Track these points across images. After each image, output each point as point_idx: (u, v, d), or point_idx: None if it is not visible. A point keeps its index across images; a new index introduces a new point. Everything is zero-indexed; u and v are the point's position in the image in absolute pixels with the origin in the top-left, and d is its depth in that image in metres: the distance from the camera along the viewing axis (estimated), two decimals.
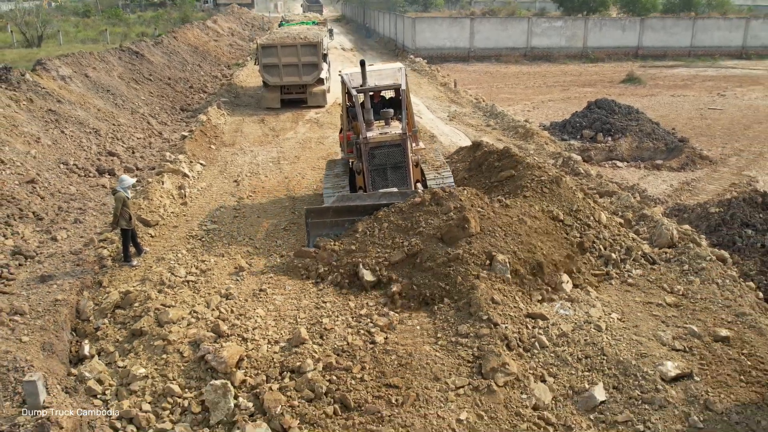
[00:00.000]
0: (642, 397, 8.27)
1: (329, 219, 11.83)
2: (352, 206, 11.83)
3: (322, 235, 11.74)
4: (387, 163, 12.52)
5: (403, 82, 13.16)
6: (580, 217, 11.96)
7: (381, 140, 12.37)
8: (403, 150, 12.46)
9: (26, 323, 9.63)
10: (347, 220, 11.76)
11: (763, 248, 12.43)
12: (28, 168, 15.25)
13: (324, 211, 11.95)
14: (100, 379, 8.84)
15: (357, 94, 12.87)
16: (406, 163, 12.53)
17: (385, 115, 13.08)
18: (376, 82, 13.17)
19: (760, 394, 8.42)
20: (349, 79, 13.33)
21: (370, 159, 12.45)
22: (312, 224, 11.82)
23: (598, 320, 9.61)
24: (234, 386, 8.32)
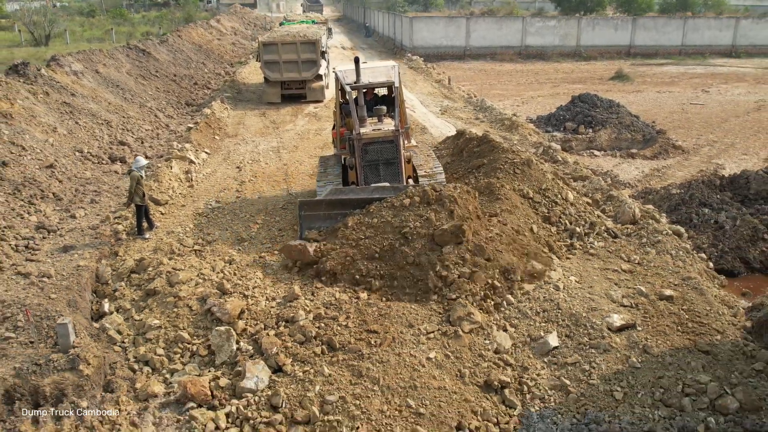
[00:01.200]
0: (590, 343, 9.57)
1: (322, 212, 11.95)
2: (345, 199, 11.98)
3: (314, 228, 11.91)
4: (380, 158, 12.70)
5: (396, 80, 13.45)
6: (548, 195, 13.25)
7: (374, 136, 12.58)
8: (395, 146, 12.66)
9: (53, 284, 10.93)
10: (340, 213, 11.85)
11: (716, 224, 13.70)
12: (47, 154, 16.54)
13: (317, 203, 12.08)
14: (119, 330, 10.15)
15: (350, 91, 12.98)
16: (399, 159, 12.73)
17: (378, 112, 13.38)
18: (369, 79, 13.35)
19: (693, 341, 9.71)
20: (343, 75, 13.47)
21: (363, 155, 12.66)
22: (305, 217, 11.97)
23: (557, 281, 10.90)
24: (236, 333, 9.63)
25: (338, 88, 14.18)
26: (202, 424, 8.22)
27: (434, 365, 8.85)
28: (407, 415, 8.11)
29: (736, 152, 20.93)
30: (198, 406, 8.55)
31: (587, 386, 8.82)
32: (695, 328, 10.01)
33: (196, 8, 69.81)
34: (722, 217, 13.78)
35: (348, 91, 12.97)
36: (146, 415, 8.52)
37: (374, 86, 13.77)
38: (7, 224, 12.99)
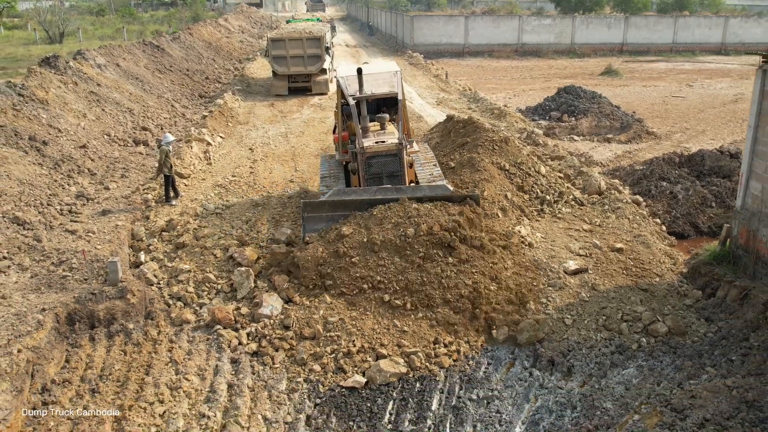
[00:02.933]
0: (548, 283, 11.50)
1: (325, 213, 11.93)
2: (348, 201, 11.96)
3: (317, 230, 11.87)
4: (383, 172, 12.59)
5: (399, 91, 13.08)
6: (522, 168, 15.18)
7: (377, 150, 12.45)
8: (399, 159, 12.55)
9: (97, 238, 12.90)
10: (343, 214, 11.87)
11: (671, 194, 15.60)
12: (80, 136, 18.52)
13: (320, 205, 11.99)
14: (155, 274, 12.09)
15: (353, 103, 12.71)
16: (402, 172, 12.63)
17: (380, 120, 13.35)
18: (372, 89, 13.07)
19: (634, 281, 11.65)
20: (346, 84, 13.17)
21: (366, 168, 12.55)
22: (308, 218, 11.93)
23: (525, 236, 12.82)
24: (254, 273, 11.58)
25: (340, 92, 13.84)
26: (228, 341, 10.16)
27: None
28: (393, 332, 10.05)
29: (705, 138, 22.83)
30: (224, 328, 10.49)
31: (543, 314, 10.74)
32: (638, 272, 11.95)
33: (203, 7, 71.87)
34: (677, 189, 15.68)
35: (351, 103, 12.71)
36: (182, 335, 10.47)
37: (377, 97, 13.40)
38: (52, 192, 14.96)
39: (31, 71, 20.84)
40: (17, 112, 17.36)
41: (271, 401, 8.88)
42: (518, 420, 8.62)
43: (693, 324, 10.68)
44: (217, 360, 9.77)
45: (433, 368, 9.48)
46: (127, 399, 8.71)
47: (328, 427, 8.45)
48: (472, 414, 8.66)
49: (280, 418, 8.57)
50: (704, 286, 11.64)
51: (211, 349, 10.04)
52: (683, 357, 9.88)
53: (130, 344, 10.09)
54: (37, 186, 14.84)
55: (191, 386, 9.08)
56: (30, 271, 11.36)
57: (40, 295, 10.58)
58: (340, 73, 13.84)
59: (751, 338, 9.88)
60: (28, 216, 13.29)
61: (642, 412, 8.60)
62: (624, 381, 9.33)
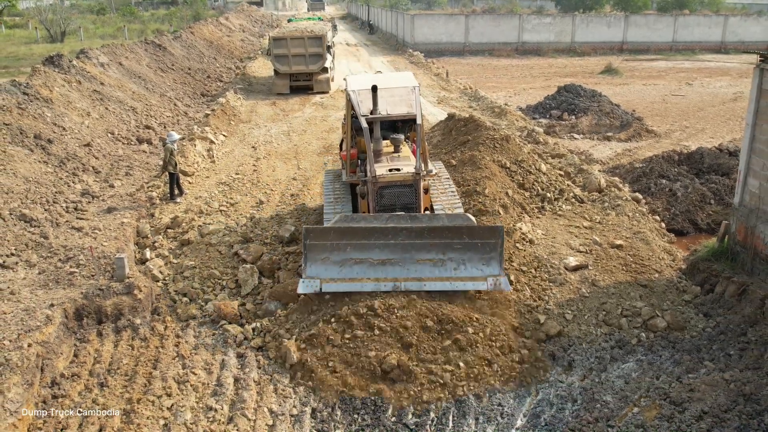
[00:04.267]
0: (549, 278, 11.65)
1: (330, 241, 10.56)
2: (357, 228, 10.58)
3: (321, 260, 10.58)
4: (396, 203, 11.22)
5: (418, 112, 11.53)
6: (523, 166, 15.34)
7: (392, 179, 11.09)
8: (415, 191, 11.19)
9: (103, 235, 13.06)
10: (349, 243, 10.56)
11: (671, 192, 15.75)
12: (84, 135, 18.68)
13: (325, 232, 10.64)
14: (161, 271, 12.25)
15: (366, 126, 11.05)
16: (418, 204, 11.28)
17: (395, 142, 12.00)
18: (388, 108, 11.64)
19: (634, 278, 11.80)
20: (358, 100, 11.60)
21: (377, 198, 11.17)
22: (310, 246, 10.53)
23: (526, 233, 12.97)
24: (258, 270, 11.74)
25: (350, 106, 12.04)
26: (234, 335, 10.32)
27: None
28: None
29: (705, 136, 22.98)
30: (229, 323, 10.65)
31: (545, 309, 10.89)
32: (638, 268, 12.10)
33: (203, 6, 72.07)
34: (676, 186, 15.83)
35: (364, 126, 11.04)
36: (188, 330, 10.63)
37: (393, 118, 11.93)
38: (57, 190, 15.11)
39: (35, 70, 21.00)
40: (22, 110, 17.52)
41: (277, 394, 9.03)
42: (519, 413, 8.78)
43: (692, 319, 10.83)
44: (223, 354, 9.92)
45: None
46: (135, 392, 8.86)
47: (333, 419, 8.61)
48: (474, 407, 8.82)
49: (286, 411, 8.73)
50: (703, 282, 11.79)
51: (217, 343, 10.19)
52: (682, 351, 10.03)
53: (138, 339, 10.25)
54: (43, 184, 14.99)
55: (198, 380, 9.23)
56: (38, 268, 11.52)
57: (48, 291, 10.74)
58: (351, 86, 12.17)
59: (749, 333, 10.04)
60: (34, 213, 13.44)
61: (641, 405, 8.76)
62: (623, 375, 9.49)
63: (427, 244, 10.59)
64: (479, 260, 10.62)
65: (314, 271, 10.55)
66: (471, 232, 10.59)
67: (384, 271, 10.58)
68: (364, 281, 10.48)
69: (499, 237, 10.53)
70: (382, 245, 10.59)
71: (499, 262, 10.61)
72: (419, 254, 10.62)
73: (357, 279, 10.52)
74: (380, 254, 10.60)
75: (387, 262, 10.61)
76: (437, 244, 10.59)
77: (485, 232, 10.69)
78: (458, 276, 10.58)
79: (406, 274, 10.57)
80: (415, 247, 10.59)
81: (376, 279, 10.50)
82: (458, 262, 10.64)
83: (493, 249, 10.57)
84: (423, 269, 10.60)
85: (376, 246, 10.59)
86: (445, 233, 10.57)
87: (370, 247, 10.59)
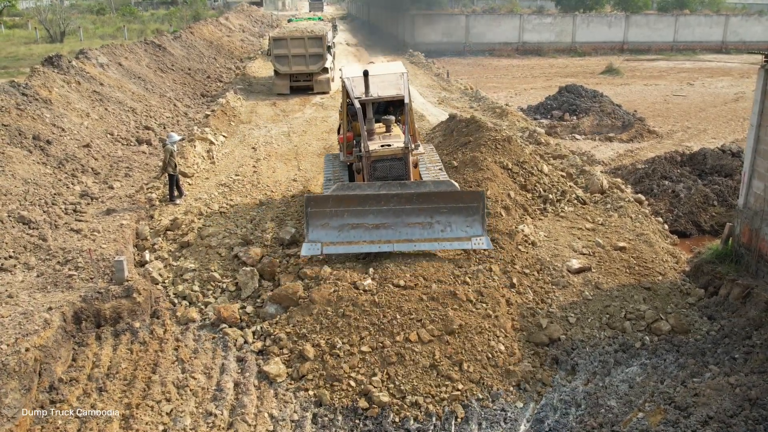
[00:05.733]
0: (551, 281, 11.55)
1: (329, 208, 11.78)
2: (353, 195, 11.84)
3: (321, 225, 11.75)
4: (389, 176, 12.42)
5: (406, 93, 12.99)
6: (525, 167, 15.23)
7: (383, 154, 12.32)
8: (405, 163, 12.43)
9: (102, 237, 12.95)
10: (347, 210, 11.77)
11: (673, 193, 15.66)
12: (83, 135, 18.56)
13: (324, 200, 11.87)
14: (160, 273, 12.14)
15: (359, 107, 12.53)
16: (408, 176, 12.50)
17: (386, 122, 13.15)
18: (378, 91, 13.01)
19: (638, 280, 11.70)
20: (351, 85, 13.06)
21: (371, 171, 12.41)
22: (311, 213, 11.77)
23: (528, 235, 12.87)
24: (258, 273, 11.64)
25: (345, 92, 13.65)
26: (234, 339, 10.22)
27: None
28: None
29: (707, 137, 22.90)
30: (229, 327, 10.55)
31: (547, 312, 10.79)
32: (641, 271, 12.00)
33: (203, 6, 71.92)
34: (679, 187, 15.74)
35: (357, 106, 12.53)
36: (187, 334, 10.53)
37: (383, 100, 13.31)
38: (56, 192, 15.01)
39: (34, 70, 20.91)
40: (21, 111, 17.41)
41: (278, 399, 8.94)
42: (523, 418, 8.69)
43: (696, 322, 10.75)
44: (223, 358, 9.83)
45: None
46: (134, 397, 8.78)
47: (334, 425, 8.51)
48: (477, 412, 8.72)
49: (287, 416, 8.64)
50: (707, 284, 11.70)
51: (217, 347, 10.10)
52: (686, 355, 9.94)
53: (137, 343, 10.15)
54: (42, 185, 14.89)
55: (198, 385, 9.14)
56: (36, 270, 11.42)
57: (47, 294, 10.64)
58: (345, 73, 13.62)
59: (754, 336, 9.94)
60: (33, 215, 13.34)
61: (646, 409, 8.67)
62: (628, 379, 9.40)
63: (416, 209, 11.79)
64: (463, 222, 11.81)
65: (316, 236, 11.73)
66: (455, 197, 11.82)
67: (378, 234, 11.77)
68: (361, 243, 11.69)
69: (481, 200, 11.76)
70: (376, 211, 11.78)
71: (482, 224, 11.79)
72: (409, 218, 11.80)
73: (354, 242, 11.74)
74: (374, 219, 11.80)
75: (381, 226, 11.80)
76: (425, 209, 11.79)
77: (468, 197, 11.91)
78: (445, 237, 11.77)
79: (398, 236, 11.74)
80: (405, 212, 11.78)
81: (371, 241, 11.69)
82: (445, 225, 11.82)
83: (475, 212, 11.75)
84: (413, 232, 11.78)
85: (370, 212, 11.80)
86: (432, 199, 11.74)
87: (365, 213, 11.80)
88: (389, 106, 14.25)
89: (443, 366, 9.29)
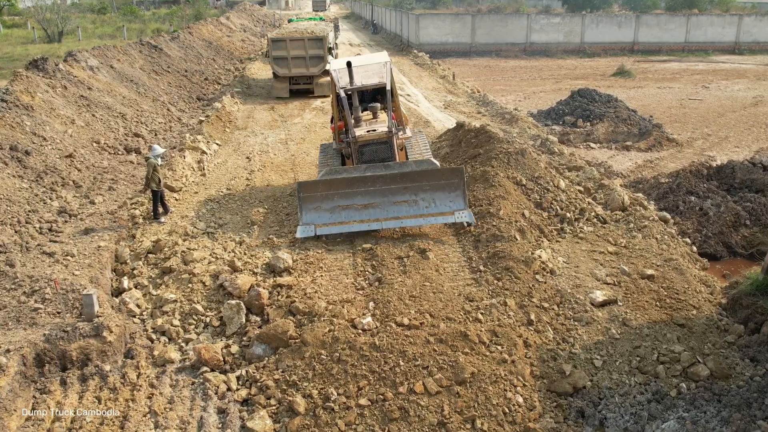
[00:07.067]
0: (573, 316, 10.32)
1: (320, 192, 12.61)
2: (341, 179, 12.71)
3: (314, 208, 12.60)
4: (375, 158, 13.39)
5: (388, 80, 13.66)
6: (540, 183, 13.99)
7: (369, 138, 13.35)
8: (390, 146, 13.38)
9: (76, 262, 11.76)
10: (337, 193, 12.60)
11: (701, 211, 14.39)
12: (66, 145, 17.39)
13: (315, 184, 12.74)
14: (138, 304, 10.95)
15: (344, 96, 13.41)
16: (393, 158, 13.45)
17: (372, 109, 14.17)
18: (362, 80, 13.81)
19: (670, 315, 10.45)
20: (338, 77, 13.85)
21: (359, 155, 13.36)
22: (304, 198, 12.57)
23: (546, 262, 11.62)
24: (245, 307, 10.43)
25: (334, 85, 14.37)
26: (215, 386, 9.01)
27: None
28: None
29: (729, 145, 21.59)
30: (211, 370, 9.35)
31: (569, 354, 9.55)
32: (673, 303, 10.74)
33: (205, 5, 70.75)
34: (707, 205, 14.47)
35: (342, 95, 13.35)
36: (164, 378, 9.33)
37: (367, 88, 14.08)
38: (32, 208, 13.83)
39: (16, 75, 19.71)
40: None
41: None
42: None
43: (737, 365, 9.51)
44: (202, 410, 8.64)
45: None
46: None
47: None
48: None
49: None
50: (746, 319, 10.44)
51: (196, 396, 8.90)
52: (730, 407, 8.69)
53: (106, 389, 8.97)
54: (16, 201, 13.72)
55: None
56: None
57: (7, 332, 9.47)
58: (333, 66, 14.62)
59: None
60: (2, 237, 12.17)
61: None
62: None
63: (402, 188, 12.62)
64: (446, 198, 12.61)
65: (309, 219, 12.62)
66: (437, 174, 12.67)
67: (367, 214, 12.63)
68: (352, 223, 12.56)
69: (462, 177, 12.52)
70: (364, 192, 12.62)
71: (464, 198, 12.63)
72: (395, 197, 12.65)
73: (345, 222, 12.60)
74: (363, 200, 12.65)
75: (369, 206, 12.66)
76: (410, 187, 12.62)
77: (449, 174, 12.71)
78: (430, 212, 12.61)
79: (386, 214, 12.59)
80: (391, 191, 12.63)
81: (361, 221, 12.57)
82: (429, 201, 12.66)
83: (457, 187, 12.56)
84: (400, 209, 12.63)
85: (358, 193, 12.64)
86: (415, 177, 12.57)
87: (354, 195, 12.65)
88: (377, 95, 14.88)
89: (453, 423, 8.06)
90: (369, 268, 11.42)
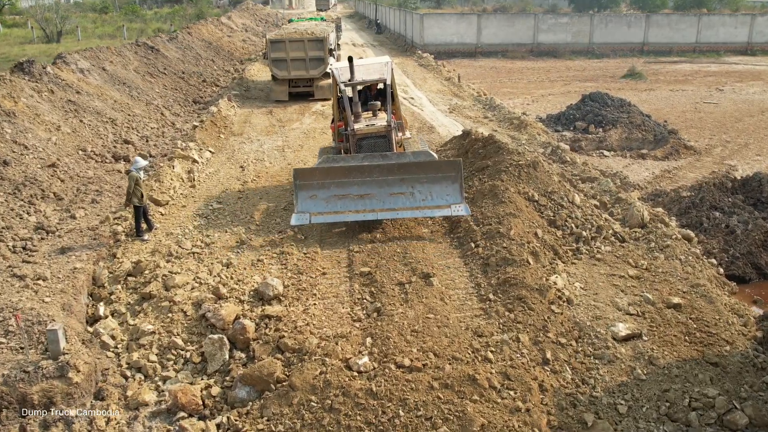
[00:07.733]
0: (594, 353, 9.27)
1: (316, 180, 12.51)
2: (337, 167, 12.64)
3: (309, 197, 12.47)
4: (373, 152, 13.24)
5: (388, 77, 13.79)
6: (554, 198, 12.94)
7: (367, 132, 13.35)
8: (388, 140, 13.37)
9: (48, 287, 10.75)
10: (333, 182, 12.50)
11: (727, 228, 13.33)
12: (50, 153, 16.40)
13: (311, 172, 12.72)
14: (113, 335, 9.96)
15: (345, 89, 13.63)
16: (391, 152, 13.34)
17: (372, 107, 14.10)
18: (363, 76, 13.95)
19: (701, 352, 9.39)
20: (338, 73, 14.05)
21: (357, 149, 13.33)
22: (300, 185, 12.48)
23: (562, 289, 10.57)
24: (229, 341, 9.41)
25: (335, 84, 14.65)
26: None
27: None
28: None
29: (750, 153, 20.49)
30: (188, 416, 8.35)
31: (590, 398, 8.51)
32: (703, 338, 9.69)
33: (208, 5, 69.77)
34: (733, 221, 13.41)
35: (342, 89, 13.59)
36: (135, 425, 8.33)
37: (367, 83, 14.43)
38: (6, 225, 12.86)
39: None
40: None
41: None
42: None
43: None
44: None
45: None
46: None
47: None
48: None
49: None
50: None
51: None
52: None
53: None
54: None
55: None
56: None
57: None
58: (334, 65, 15.02)
59: None
60: None
61: None
62: None
63: (398, 180, 12.48)
64: (442, 190, 12.47)
65: (304, 207, 12.46)
66: (434, 167, 12.56)
67: (363, 204, 12.48)
68: (347, 213, 12.44)
69: (459, 170, 12.45)
70: (360, 182, 12.49)
71: (460, 192, 12.46)
72: (392, 188, 12.50)
73: (341, 211, 12.46)
74: (359, 190, 12.51)
75: (365, 196, 12.52)
76: (407, 179, 12.48)
77: (447, 167, 12.63)
78: (426, 205, 12.44)
79: (382, 205, 12.45)
80: (388, 182, 12.49)
81: (357, 211, 12.43)
82: (425, 194, 12.50)
83: (454, 180, 12.44)
84: (396, 201, 12.48)
85: (355, 183, 12.51)
86: (412, 169, 12.44)
87: (351, 185, 12.52)
88: (378, 96, 15.11)
89: None
90: (367, 295, 10.40)
